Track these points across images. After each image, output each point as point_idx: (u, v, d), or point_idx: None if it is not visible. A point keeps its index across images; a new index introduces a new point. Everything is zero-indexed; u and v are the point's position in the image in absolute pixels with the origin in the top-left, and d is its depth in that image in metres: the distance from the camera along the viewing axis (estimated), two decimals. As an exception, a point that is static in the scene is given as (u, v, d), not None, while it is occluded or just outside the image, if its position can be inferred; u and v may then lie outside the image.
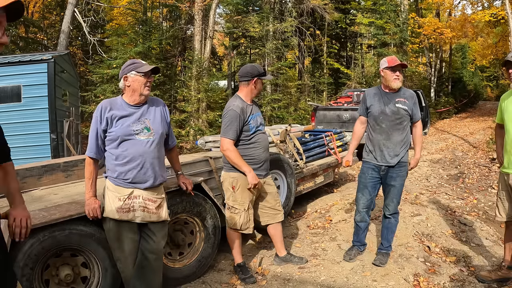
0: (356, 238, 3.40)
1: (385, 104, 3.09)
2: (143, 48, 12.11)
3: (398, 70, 3.04)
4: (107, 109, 2.29)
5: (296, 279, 3.07)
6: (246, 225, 3.00)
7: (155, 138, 2.35)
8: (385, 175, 3.15)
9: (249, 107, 2.96)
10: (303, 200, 5.17)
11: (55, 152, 6.94)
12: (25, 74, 6.85)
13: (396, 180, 3.12)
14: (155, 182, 2.37)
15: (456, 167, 7.55)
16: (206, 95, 12.43)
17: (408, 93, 3.15)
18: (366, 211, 3.27)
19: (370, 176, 3.18)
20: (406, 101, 3.08)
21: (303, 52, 15.79)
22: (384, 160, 3.10)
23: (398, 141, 3.08)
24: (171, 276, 2.88)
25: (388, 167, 3.11)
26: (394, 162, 3.08)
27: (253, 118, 2.94)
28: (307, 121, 12.68)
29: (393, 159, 3.08)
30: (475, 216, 4.37)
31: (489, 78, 40.91)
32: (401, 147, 3.09)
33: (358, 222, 3.33)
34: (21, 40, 15.89)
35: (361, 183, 3.25)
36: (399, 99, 3.08)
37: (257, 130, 2.97)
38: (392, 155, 3.08)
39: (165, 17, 18.62)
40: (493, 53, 26.31)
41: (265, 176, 3.09)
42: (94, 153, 2.32)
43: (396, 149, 3.08)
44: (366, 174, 3.20)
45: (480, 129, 14.23)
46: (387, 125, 3.08)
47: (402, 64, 3.06)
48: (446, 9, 22.69)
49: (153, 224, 2.39)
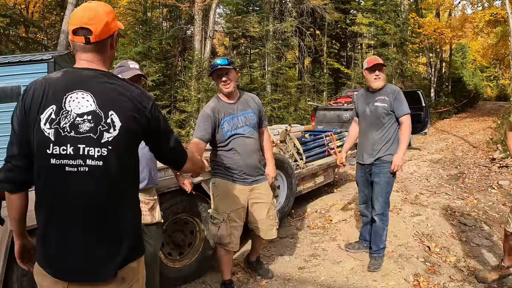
0: (361, 229, 3.55)
1: (366, 104, 3.17)
2: (143, 48, 12.12)
3: (377, 70, 3.07)
4: None
5: (296, 279, 3.07)
6: (226, 239, 2.60)
7: None
8: (369, 172, 3.22)
9: (226, 106, 2.61)
10: (303, 200, 5.17)
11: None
12: (25, 74, 6.84)
13: (379, 176, 3.11)
14: (149, 184, 2.36)
15: (456, 167, 7.55)
16: (206, 95, 12.42)
17: (390, 89, 3.14)
18: (365, 206, 3.38)
19: (360, 174, 3.34)
20: (386, 98, 3.08)
21: (303, 52, 15.79)
22: (364, 158, 3.21)
23: (375, 140, 3.11)
24: (171, 276, 2.88)
25: (370, 165, 3.17)
26: (371, 161, 3.13)
27: (228, 121, 2.58)
28: (307, 121, 12.69)
29: (370, 158, 3.14)
30: (475, 216, 4.37)
31: (489, 78, 40.91)
32: (379, 145, 3.09)
33: (362, 216, 3.52)
34: (21, 40, 15.87)
35: (357, 182, 3.45)
36: (378, 98, 3.10)
37: (234, 135, 2.58)
38: (369, 154, 3.14)
39: (165, 17, 18.61)
40: (493, 53, 26.32)
41: (252, 183, 2.68)
42: None
43: (373, 147, 3.11)
44: (358, 172, 3.39)
45: (480, 129, 14.23)
46: (365, 124, 3.17)
47: (380, 64, 3.08)
48: (446, 9, 22.69)
49: (147, 227, 2.37)
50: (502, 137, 9.36)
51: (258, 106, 2.78)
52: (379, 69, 3.08)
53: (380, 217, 3.15)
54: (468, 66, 34.35)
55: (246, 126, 2.64)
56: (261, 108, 2.83)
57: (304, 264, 3.35)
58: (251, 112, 2.69)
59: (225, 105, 2.63)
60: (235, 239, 2.65)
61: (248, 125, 2.65)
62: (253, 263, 3.18)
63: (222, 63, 2.54)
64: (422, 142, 12.01)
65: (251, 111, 2.69)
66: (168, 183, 2.86)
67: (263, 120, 2.84)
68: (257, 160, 2.71)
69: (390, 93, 3.09)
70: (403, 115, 3.07)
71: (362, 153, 3.22)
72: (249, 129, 2.66)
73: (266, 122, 2.92)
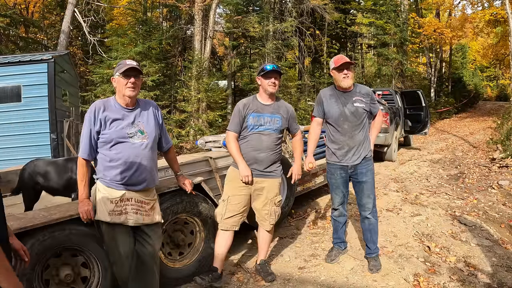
0: (336, 235, 3.36)
1: (343, 105, 3.08)
2: (143, 48, 12.10)
3: (346, 69, 3.00)
4: (100, 110, 2.26)
5: (296, 279, 3.07)
6: (219, 216, 2.92)
7: (149, 141, 2.34)
8: (354, 173, 3.13)
9: (258, 105, 2.94)
10: (303, 200, 5.17)
11: (55, 152, 6.95)
12: (25, 74, 6.86)
13: (367, 175, 3.10)
14: (149, 184, 2.36)
15: (456, 167, 7.55)
16: (206, 95, 12.43)
17: (364, 90, 3.14)
18: (342, 205, 3.28)
19: (340, 176, 3.17)
20: (362, 99, 3.08)
21: (303, 52, 15.79)
22: (349, 160, 3.11)
23: (360, 140, 3.10)
24: (171, 276, 2.88)
25: (355, 165, 3.10)
26: (359, 161, 3.11)
27: (254, 116, 2.89)
28: (307, 121, 12.69)
29: (357, 159, 3.10)
30: (475, 216, 4.37)
31: (489, 78, 40.91)
32: (363, 144, 3.10)
33: (336, 218, 3.32)
34: (21, 40, 15.88)
35: (333, 184, 3.24)
36: (356, 98, 3.08)
37: (256, 130, 2.90)
38: (356, 155, 3.09)
39: (165, 17, 18.62)
40: (493, 53, 26.32)
41: (257, 176, 2.92)
42: (87, 155, 2.30)
43: (359, 147, 3.09)
44: (335, 174, 3.19)
45: (480, 129, 14.24)
46: (349, 125, 3.08)
47: (348, 62, 3.00)
48: (446, 9, 22.69)
49: (147, 227, 2.37)
50: (502, 137, 9.36)
51: (289, 114, 3.03)
52: (347, 67, 3.02)
53: (373, 214, 3.15)
54: (468, 66, 34.34)
55: (268, 126, 2.91)
56: (292, 116, 3.07)
57: (304, 264, 3.35)
58: (279, 117, 2.95)
59: (258, 104, 2.95)
60: (230, 221, 2.90)
61: (271, 126, 2.92)
62: (257, 267, 3.17)
63: (276, 67, 2.88)
64: (422, 142, 12.02)
65: (279, 116, 2.96)
66: (168, 183, 2.86)
67: (293, 127, 3.11)
68: (267, 158, 2.92)
69: (365, 95, 3.11)
70: (376, 112, 3.22)
71: (347, 154, 3.10)
72: (270, 130, 2.92)
73: (296, 129, 3.15)
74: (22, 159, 6.33)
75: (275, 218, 3.03)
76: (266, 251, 3.21)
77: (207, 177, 3.49)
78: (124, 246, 2.29)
